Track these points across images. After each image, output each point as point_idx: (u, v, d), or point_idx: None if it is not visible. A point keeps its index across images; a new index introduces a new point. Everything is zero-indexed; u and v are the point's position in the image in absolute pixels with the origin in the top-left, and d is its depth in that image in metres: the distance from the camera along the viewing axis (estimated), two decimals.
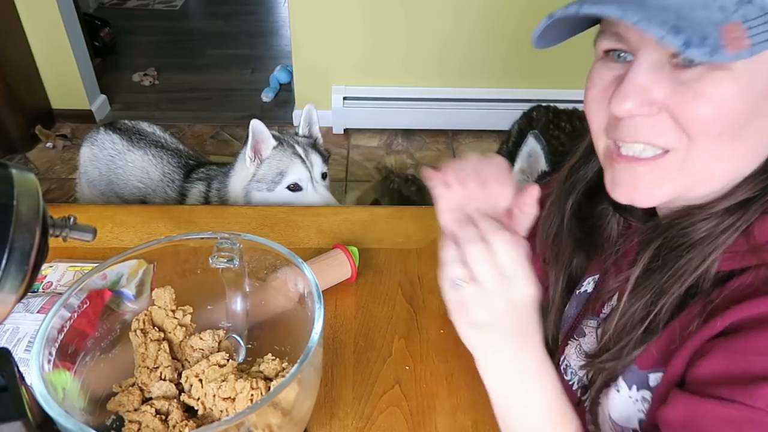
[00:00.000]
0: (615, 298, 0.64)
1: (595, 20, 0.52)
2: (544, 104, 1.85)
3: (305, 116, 1.40)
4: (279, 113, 3.06)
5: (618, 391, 0.58)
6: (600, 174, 0.61)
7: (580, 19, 0.51)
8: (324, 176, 1.36)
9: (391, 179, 2.01)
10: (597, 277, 0.68)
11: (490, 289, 0.47)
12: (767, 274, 0.47)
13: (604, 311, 0.66)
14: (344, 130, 2.88)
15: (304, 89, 2.84)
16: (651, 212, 0.61)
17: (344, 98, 2.78)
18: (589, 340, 0.68)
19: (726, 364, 0.47)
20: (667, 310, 0.52)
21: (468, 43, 2.71)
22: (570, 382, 0.71)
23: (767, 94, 0.45)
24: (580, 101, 0.57)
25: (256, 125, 1.31)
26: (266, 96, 3.25)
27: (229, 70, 3.56)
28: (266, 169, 1.34)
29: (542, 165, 1.38)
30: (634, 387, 0.57)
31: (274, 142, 1.34)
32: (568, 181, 0.67)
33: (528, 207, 0.52)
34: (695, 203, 0.53)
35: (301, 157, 1.32)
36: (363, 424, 0.74)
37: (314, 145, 1.37)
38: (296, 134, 1.40)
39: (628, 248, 0.61)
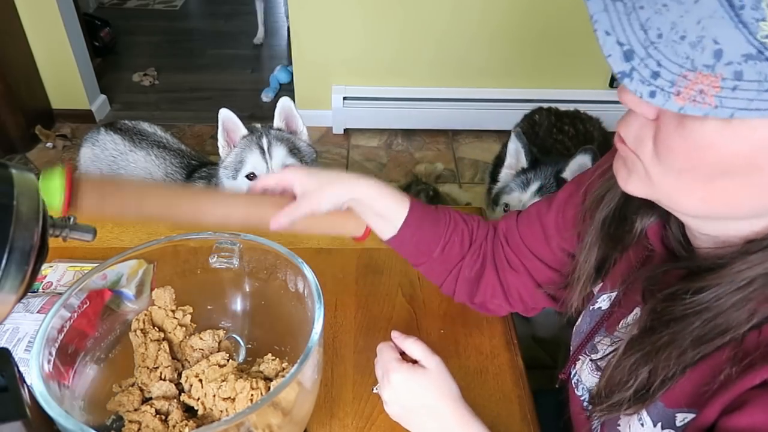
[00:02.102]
0: (630, 317, 0.63)
1: None
2: (545, 107, 1.84)
3: (279, 110, 1.40)
4: None
5: (642, 424, 0.56)
6: None
7: None
8: None
9: (413, 189, 1.98)
10: (613, 294, 0.67)
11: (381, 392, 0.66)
12: None
13: (618, 327, 0.64)
14: (344, 130, 2.88)
15: (304, 89, 2.84)
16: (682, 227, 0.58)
17: (344, 98, 2.78)
18: (601, 357, 0.67)
19: (765, 419, 0.44)
20: (689, 354, 0.49)
21: (468, 44, 2.71)
22: (582, 398, 0.71)
23: (750, 162, 0.42)
24: (581, 101, 0.58)
25: (224, 114, 1.34)
26: (266, 96, 3.25)
27: (229, 70, 3.56)
28: (232, 157, 1.36)
29: (522, 162, 1.41)
30: (660, 425, 0.54)
31: (244, 131, 1.36)
32: None
33: None
34: (707, 243, 0.52)
35: (261, 147, 1.33)
36: (363, 424, 0.74)
37: (286, 139, 1.37)
38: (270, 127, 1.41)
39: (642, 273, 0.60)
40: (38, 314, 0.79)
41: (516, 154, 1.43)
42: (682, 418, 0.52)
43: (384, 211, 0.76)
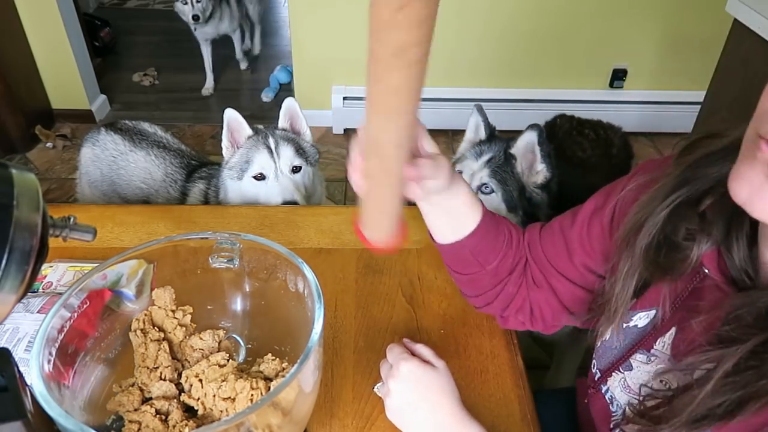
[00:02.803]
0: (668, 334, 0.62)
1: None
2: (568, 114, 1.85)
3: (284, 110, 1.40)
4: (279, 113, 3.05)
5: None
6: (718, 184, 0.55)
7: None
8: (296, 170, 1.35)
9: None
10: (651, 313, 0.64)
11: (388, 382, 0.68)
12: None
13: (655, 347, 0.63)
14: (344, 130, 2.88)
15: (304, 89, 2.84)
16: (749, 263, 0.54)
17: (344, 98, 2.78)
18: (636, 375, 0.66)
19: None
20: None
21: (468, 44, 2.71)
22: (614, 414, 0.70)
23: None
24: (581, 101, 0.57)
25: (229, 114, 1.33)
26: (266, 96, 3.25)
27: (229, 70, 3.56)
28: (237, 158, 1.35)
29: (481, 135, 1.44)
30: None
31: (249, 132, 1.35)
32: (691, 169, 0.57)
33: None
34: None
35: (269, 147, 1.33)
36: (363, 424, 0.74)
37: (292, 139, 1.37)
38: (275, 127, 1.40)
39: (708, 303, 0.56)
40: (38, 314, 0.79)
41: (475, 128, 1.45)
42: None
43: (455, 213, 0.72)
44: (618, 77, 2.77)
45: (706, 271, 0.57)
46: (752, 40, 1.59)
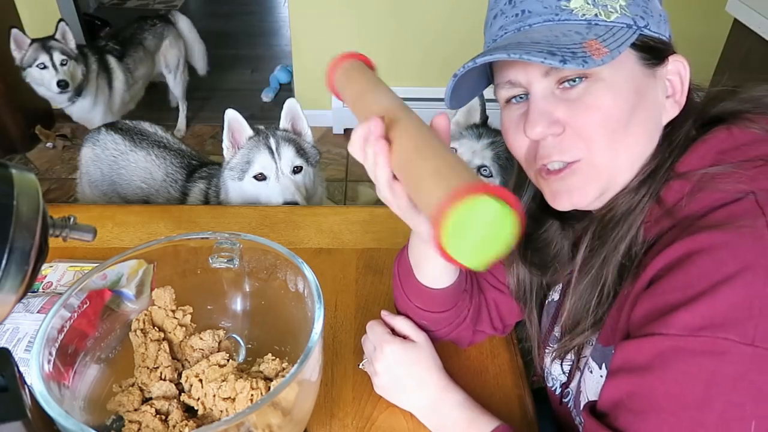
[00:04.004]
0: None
1: (491, 79, 0.65)
2: None
3: (286, 111, 1.41)
4: (279, 113, 3.03)
5: (591, 372, 0.63)
6: (534, 203, 0.71)
7: (481, 78, 0.65)
8: (297, 170, 1.35)
9: None
10: (559, 286, 0.72)
11: (374, 364, 0.73)
12: (679, 229, 0.54)
13: (563, 317, 0.67)
14: (344, 130, 2.88)
15: (304, 89, 2.84)
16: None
17: None
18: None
19: (648, 307, 0.52)
20: (612, 280, 0.58)
21: (467, 44, 2.71)
22: (552, 387, 0.73)
23: (635, 90, 0.56)
24: None
25: (230, 115, 1.34)
26: (266, 96, 3.25)
27: (229, 70, 3.56)
28: (238, 158, 1.36)
29: (475, 118, 1.45)
30: (603, 365, 0.61)
31: (250, 132, 1.35)
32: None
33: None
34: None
35: (270, 148, 1.33)
36: (363, 424, 0.74)
37: (293, 140, 1.37)
38: (277, 128, 1.41)
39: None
40: (38, 314, 0.79)
41: (468, 112, 1.45)
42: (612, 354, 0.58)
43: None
44: None
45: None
46: (752, 40, 1.59)
